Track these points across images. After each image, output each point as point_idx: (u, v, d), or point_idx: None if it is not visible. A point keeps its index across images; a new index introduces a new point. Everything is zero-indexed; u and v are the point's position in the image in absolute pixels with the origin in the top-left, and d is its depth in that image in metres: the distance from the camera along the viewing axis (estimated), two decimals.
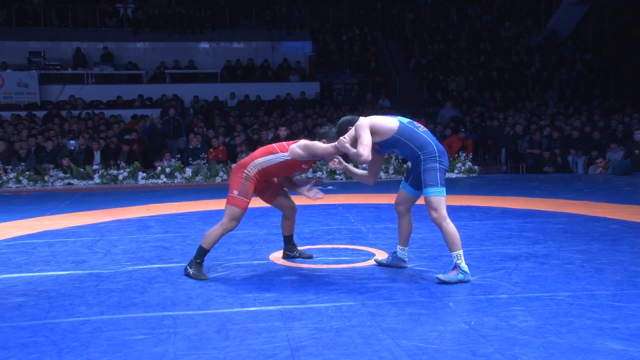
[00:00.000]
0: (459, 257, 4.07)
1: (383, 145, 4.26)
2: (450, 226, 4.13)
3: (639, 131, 11.92)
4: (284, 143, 4.52)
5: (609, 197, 8.06)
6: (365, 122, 4.16)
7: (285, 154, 4.40)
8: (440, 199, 4.13)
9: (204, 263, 4.39)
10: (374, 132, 4.15)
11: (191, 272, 4.33)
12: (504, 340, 2.98)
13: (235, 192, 4.36)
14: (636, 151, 11.58)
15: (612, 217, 6.44)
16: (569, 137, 12.87)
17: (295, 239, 5.62)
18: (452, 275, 4.05)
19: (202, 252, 4.38)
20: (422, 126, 4.32)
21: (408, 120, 4.29)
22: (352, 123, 4.30)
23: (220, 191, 9.90)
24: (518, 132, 13.62)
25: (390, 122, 4.20)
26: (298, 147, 4.37)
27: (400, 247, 4.54)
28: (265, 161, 4.42)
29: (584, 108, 16.06)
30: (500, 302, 3.58)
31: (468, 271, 4.07)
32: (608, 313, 3.35)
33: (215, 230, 4.39)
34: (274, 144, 4.57)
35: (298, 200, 6.41)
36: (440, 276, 4.08)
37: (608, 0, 19.05)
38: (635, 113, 14.46)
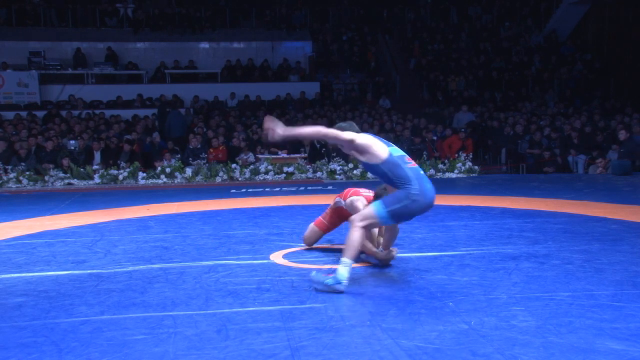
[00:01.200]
0: (347, 265, 3.85)
1: (364, 165, 4.16)
2: (357, 233, 3.95)
3: (623, 131, 11.96)
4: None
5: (609, 197, 8.06)
6: (357, 141, 4.01)
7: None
8: (375, 218, 3.99)
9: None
10: (365, 151, 4.02)
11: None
12: (503, 340, 2.98)
13: None
14: (621, 150, 11.64)
15: (612, 217, 6.44)
16: (569, 137, 12.88)
17: (296, 238, 5.63)
18: (323, 277, 3.86)
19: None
20: (412, 163, 4.15)
21: (400, 154, 4.11)
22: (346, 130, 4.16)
23: (220, 191, 9.92)
24: (518, 132, 13.63)
25: (381, 150, 4.03)
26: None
27: (381, 250, 4.58)
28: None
29: (584, 108, 16.07)
30: (500, 302, 3.58)
31: (344, 281, 3.80)
32: (608, 313, 3.35)
33: None
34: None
35: (298, 200, 6.38)
36: (313, 274, 3.97)
37: (608, 1, 19.05)
38: (635, 113, 14.47)
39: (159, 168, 11.50)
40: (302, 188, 10.12)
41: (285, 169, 11.56)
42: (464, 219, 6.59)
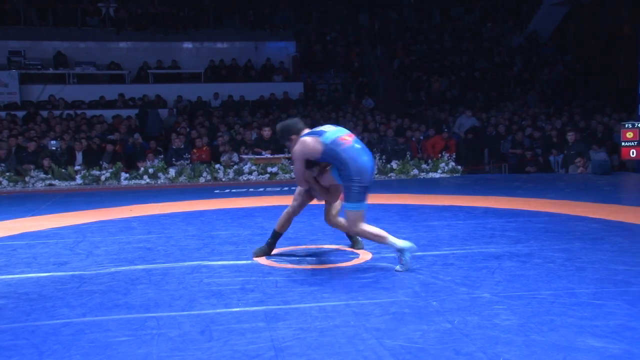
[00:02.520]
0: (398, 245, 4.35)
1: (321, 160, 4.56)
2: (367, 231, 4.45)
3: (572, 133, 12.14)
4: None
5: (589, 197, 8.15)
6: (298, 153, 4.51)
7: None
8: (357, 214, 4.43)
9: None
10: (308, 156, 4.49)
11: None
12: (486, 339, 3.00)
13: None
14: (571, 152, 11.83)
15: (592, 216, 6.52)
16: (550, 137, 13.00)
17: (280, 239, 5.62)
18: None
19: None
20: (347, 141, 4.42)
21: (332, 137, 4.43)
22: (293, 132, 4.69)
23: (204, 191, 9.88)
24: (500, 132, 13.74)
25: (317, 145, 4.43)
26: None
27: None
28: None
29: (565, 108, 16.24)
30: (483, 301, 3.60)
31: (407, 247, 4.34)
32: (589, 311, 3.39)
33: None
34: None
35: (282, 200, 6.39)
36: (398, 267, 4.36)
37: (588, 2, 19.27)
38: (614, 113, 14.65)
39: (142, 169, 11.43)
40: (286, 188, 10.11)
41: (269, 169, 11.54)
42: (447, 218, 6.62)
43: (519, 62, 19.37)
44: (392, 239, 4.39)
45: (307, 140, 4.51)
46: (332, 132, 4.52)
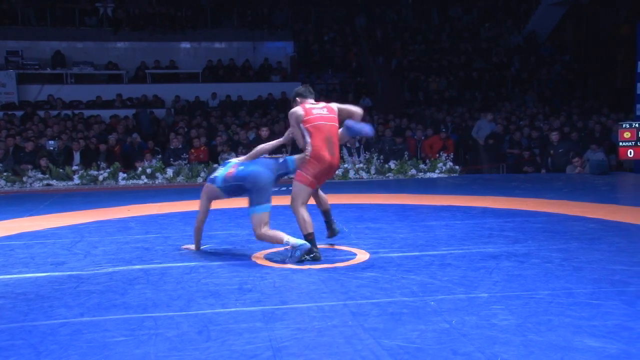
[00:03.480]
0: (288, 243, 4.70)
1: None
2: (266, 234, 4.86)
3: (555, 133, 12.16)
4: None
5: (587, 197, 8.16)
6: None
7: None
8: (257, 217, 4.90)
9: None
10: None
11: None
12: (484, 339, 3.00)
13: None
14: (551, 151, 11.85)
15: (590, 216, 6.52)
16: (548, 138, 13.01)
17: None
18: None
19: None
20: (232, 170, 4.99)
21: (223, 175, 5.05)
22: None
23: (201, 192, 9.84)
24: (498, 132, 13.74)
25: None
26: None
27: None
28: None
29: (564, 108, 16.26)
30: (481, 301, 3.61)
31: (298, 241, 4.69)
32: (586, 311, 3.39)
33: None
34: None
35: (280, 200, 6.41)
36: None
37: (586, 2, 19.29)
38: (612, 113, 14.67)
39: (140, 169, 11.41)
40: (283, 188, 10.09)
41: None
42: (445, 218, 6.63)
43: (517, 62, 19.40)
44: (290, 237, 4.75)
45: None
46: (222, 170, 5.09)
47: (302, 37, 20.24)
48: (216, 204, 8.16)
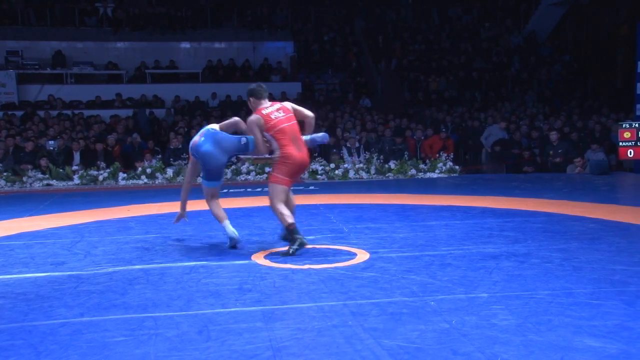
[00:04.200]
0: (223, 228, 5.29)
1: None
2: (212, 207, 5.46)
3: (554, 133, 12.16)
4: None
5: (587, 197, 8.16)
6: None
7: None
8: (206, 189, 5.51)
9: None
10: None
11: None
12: (484, 339, 3.00)
13: None
14: (551, 152, 11.84)
15: (590, 216, 6.52)
16: (548, 137, 13.01)
17: (275, 238, 5.63)
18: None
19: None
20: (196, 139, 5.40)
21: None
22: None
23: (201, 192, 9.83)
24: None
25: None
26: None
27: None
28: None
29: (564, 108, 16.26)
30: (481, 301, 3.61)
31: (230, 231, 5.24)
32: (586, 311, 3.39)
33: None
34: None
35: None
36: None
37: (586, 2, 19.30)
38: (612, 113, 14.67)
39: (140, 169, 11.41)
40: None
41: (267, 169, 11.52)
42: (444, 218, 6.63)
43: (517, 62, 19.39)
44: (227, 224, 5.30)
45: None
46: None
47: (302, 37, 20.23)
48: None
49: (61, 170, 11.22)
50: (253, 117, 5.13)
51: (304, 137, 5.33)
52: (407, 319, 3.33)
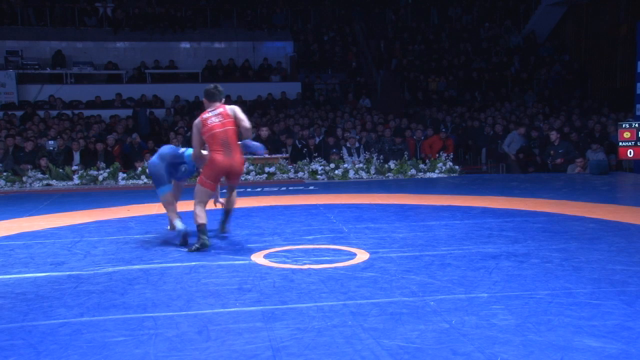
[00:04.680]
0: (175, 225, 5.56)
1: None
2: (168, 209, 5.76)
3: (554, 132, 12.15)
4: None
5: (587, 197, 8.16)
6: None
7: None
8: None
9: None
10: None
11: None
12: (484, 339, 3.00)
13: None
14: (552, 152, 11.83)
15: (590, 216, 6.53)
16: (548, 137, 13.02)
17: (277, 239, 5.64)
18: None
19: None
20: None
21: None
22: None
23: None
24: (498, 132, 13.75)
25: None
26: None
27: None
28: None
29: (563, 108, 16.27)
30: (481, 301, 3.61)
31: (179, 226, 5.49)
32: (586, 311, 3.39)
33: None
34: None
35: (280, 200, 6.38)
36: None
37: (585, 2, 19.31)
38: (612, 113, 14.67)
39: (140, 169, 11.40)
40: (283, 188, 10.11)
41: (266, 169, 11.53)
42: (444, 218, 6.63)
43: (516, 62, 19.40)
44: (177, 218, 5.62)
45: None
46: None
47: (301, 37, 20.24)
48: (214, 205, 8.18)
49: (61, 170, 11.22)
50: (196, 120, 5.56)
51: (240, 142, 5.52)
52: (406, 319, 3.33)
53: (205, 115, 5.48)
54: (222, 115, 5.46)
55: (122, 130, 13.81)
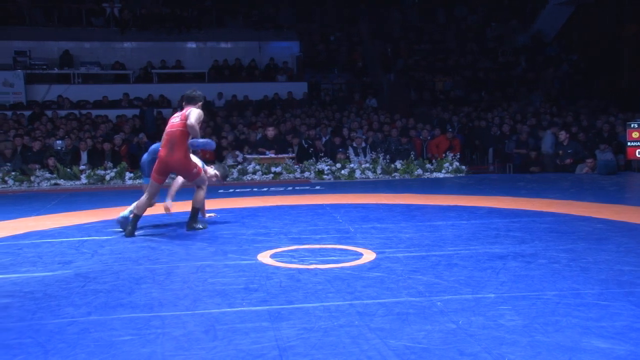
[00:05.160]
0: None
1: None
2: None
3: (563, 132, 12.09)
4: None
5: (594, 197, 8.13)
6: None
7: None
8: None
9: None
10: None
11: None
12: (491, 340, 2.99)
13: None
14: (560, 152, 11.77)
15: (597, 216, 6.50)
16: (556, 137, 12.97)
17: (284, 238, 5.64)
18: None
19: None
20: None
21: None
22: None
23: (207, 191, 9.85)
24: (505, 132, 13.72)
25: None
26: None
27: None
28: None
29: (570, 108, 16.21)
30: (488, 302, 3.60)
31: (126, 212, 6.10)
32: (594, 312, 3.38)
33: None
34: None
35: (286, 200, 6.38)
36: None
37: (593, 1, 19.23)
38: (620, 113, 14.61)
39: None
40: (289, 188, 10.12)
41: (273, 169, 11.54)
42: (451, 218, 6.61)
43: (523, 62, 19.34)
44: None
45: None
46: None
47: (307, 37, 20.24)
48: (223, 204, 8.21)
49: (68, 169, 11.27)
50: None
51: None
52: (413, 319, 3.32)
53: (173, 116, 6.16)
54: (180, 117, 5.97)
55: (129, 130, 13.86)
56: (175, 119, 5.99)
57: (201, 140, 5.94)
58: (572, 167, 11.73)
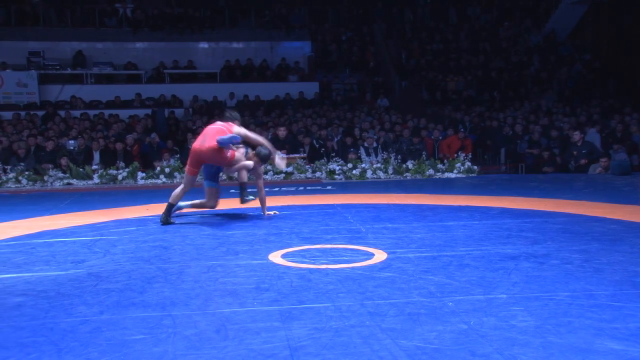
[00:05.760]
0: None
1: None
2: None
3: (577, 132, 11.99)
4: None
5: (608, 197, 8.06)
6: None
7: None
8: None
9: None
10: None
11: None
12: (503, 340, 2.98)
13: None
14: (574, 152, 11.67)
15: (611, 217, 6.44)
16: (568, 137, 12.88)
17: (295, 238, 5.64)
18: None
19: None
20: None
21: None
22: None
23: (222, 191, 9.88)
24: (517, 131, 13.64)
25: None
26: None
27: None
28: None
29: (584, 108, 16.09)
30: (500, 302, 3.58)
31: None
32: (607, 313, 3.35)
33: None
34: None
35: (297, 200, 6.39)
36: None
37: (606, 0, 19.08)
38: (634, 113, 14.48)
39: (158, 168, 11.50)
40: (301, 188, 10.12)
41: (284, 169, 11.55)
42: (462, 218, 6.59)
43: (536, 62, 19.22)
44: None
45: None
46: None
47: (319, 37, 20.25)
48: (235, 204, 8.23)
49: (81, 169, 11.35)
50: None
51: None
52: (424, 319, 3.31)
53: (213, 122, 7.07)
54: (224, 126, 6.72)
55: (141, 130, 13.93)
56: (217, 125, 6.71)
57: (226, 136, 6.41)
58: (586, 168, 11.65)
